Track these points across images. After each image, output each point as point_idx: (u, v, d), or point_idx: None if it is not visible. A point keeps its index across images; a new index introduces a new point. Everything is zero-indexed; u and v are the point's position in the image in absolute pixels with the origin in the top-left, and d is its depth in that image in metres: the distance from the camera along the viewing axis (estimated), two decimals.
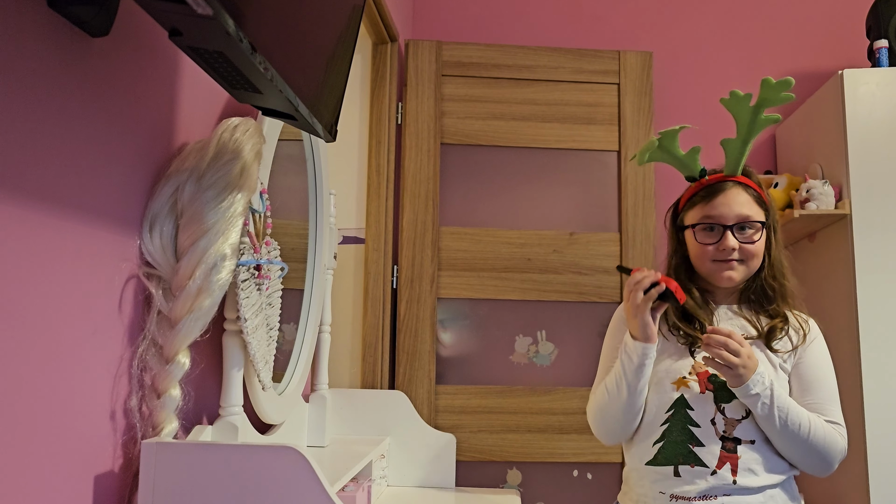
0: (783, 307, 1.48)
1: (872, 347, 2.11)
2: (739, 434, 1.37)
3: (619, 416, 1.43)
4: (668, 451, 1.40)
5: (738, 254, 1.44)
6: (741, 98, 1.45)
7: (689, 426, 1.39)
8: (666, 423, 1.41)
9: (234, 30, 0.71)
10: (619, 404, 1.41)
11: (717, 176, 1.51)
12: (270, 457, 0.93)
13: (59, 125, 0.83)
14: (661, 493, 1.39)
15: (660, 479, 1.39)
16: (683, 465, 1.38)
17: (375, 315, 2.32)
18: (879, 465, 2.05)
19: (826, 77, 2.54)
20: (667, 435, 1.40)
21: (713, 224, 1.45)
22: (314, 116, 1.01)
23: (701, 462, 1.36)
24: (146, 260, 1.00)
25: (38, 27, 0.79)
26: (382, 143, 2.41)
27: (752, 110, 1.46)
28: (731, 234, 1.43)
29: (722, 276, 1.45)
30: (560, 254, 2.48)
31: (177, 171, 1.04)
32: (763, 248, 1.46)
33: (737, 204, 1.45)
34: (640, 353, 1.38)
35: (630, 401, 1.41)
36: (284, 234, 1.44)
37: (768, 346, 1.43)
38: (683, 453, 1.38)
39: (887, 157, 2.19)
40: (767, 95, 1.44)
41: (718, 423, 1.38)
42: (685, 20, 2.88)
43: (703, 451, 1.37)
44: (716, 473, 1.35)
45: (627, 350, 1.40)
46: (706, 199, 1.48)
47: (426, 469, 1.93)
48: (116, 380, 0.95)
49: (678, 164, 1.56)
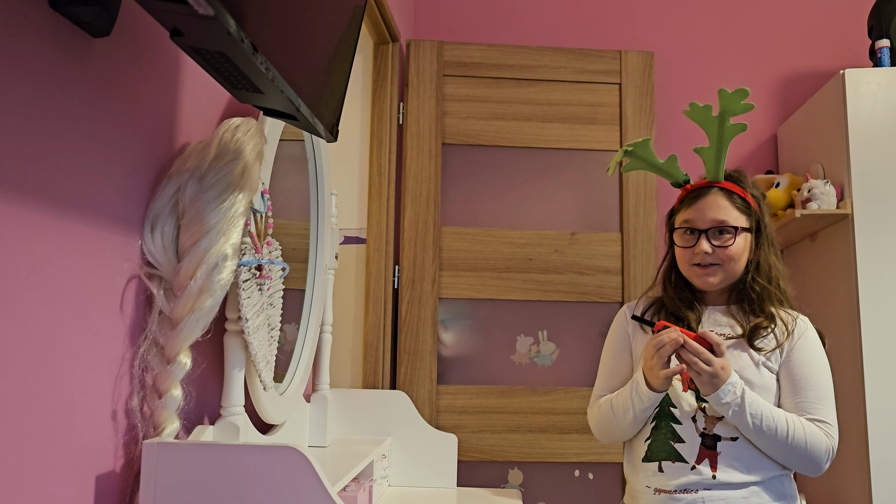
0: (769, 307, 1.49)
1: (874, 347, 2.10)
2: (720, 431, 1.42)
3: (620, 432, 1.52)
4: (654, 447, 1.46)
5: (714, 258, 1.47)
6: (701, 109, 1.51)
7: (671, 423, 1.45)
8: (653, 421, 1.47)
9: (236, 30, 0.71)
10: (624, 425, 1.49)
11: (701, 182, 1.55)
12: (272, 457, 0.93)
13: (60, 125, 0.83)
14: (646, 487, 1.46)
15: (648, 475, 1.46)
16: (666, 461, 1.44)
17: (377, 315, 2.32)
18: (881, 464, 2.04)
19: (827, 77, 2.53)
20: (654, 432, 1.47)
21: (691, 228, 1.50)
22: (315, 117, 1.01)
23: (681, 458, 1.42)
24: (147, 260, 1.00)
25: (40, 27, 0.79)
26: (384, 143, 2.41)
27: (717, 120, 1.49)
28: (706, 239, 1.47)
29: (700, 280, 1.50)
30: (561, 254, 2.48)
31: (178, 171, 1.04)
32: (741, 251, 1.49)
33: (712, 209, 1.48)
34: (653, 401, 1.44)
35: (635, 425, 1.49)
36: (286, 235, 1.44)
37: (750, 344, 1.45)
38: (666, 449, 1.44)
39: (889, 156, 2.19)
40: (727, 106, 1.48)
41: (699, 420, 1.43)
42: (687, 20, 2.88)
43: (683, 447, 1.43)
44: (695, 469, 1.41)
45: (640, 393, 1.44)
46: (689, 203, 1.52)
47: (427, 469, 1.93)
48: (118, 380, 0.95)
49: (661, 173, 1.61)
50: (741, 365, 1.43)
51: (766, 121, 2.77)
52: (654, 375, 1.40)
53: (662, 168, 1.59)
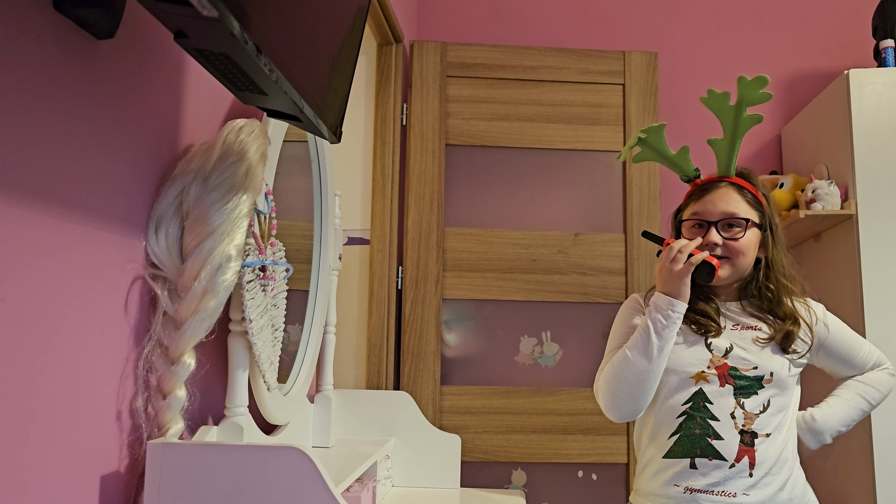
0: (787, 304, 1.49)
1: (878, 346, 2.08)
2: (757, 428, 1.40)
3: (636, 380, 1.40)
4: (684, 443, 1.42)
5: (723, 251, 1.46)
6: (719, 96, 1.49)
7: (708, 420, 1.41)
8: (682, 416, 1.43)
9: (240, 32, 0.71)
10: (642, 364, 1.39)
11: (712, 177, 1.54)
12: (275, 457, 0.93)
13: (64, 127, 0.83)
14: (675, 486, 1.41)
15: (676, 472, 1.41)
16: (701, 458, 1.40)
17: (380, 316, 2.33)
18: (886, 462, 2.04)
19: (832, 77, 2.53)
20: (683, 427, 1.42)
21: (700, 221, 1.49)
22: (319, 118, 1.01)
23: (720, 455, 1.39)
24: (152, 261, 1.01)
25: (44, 29, 0.79)
26: (387, 144, 2.42)
27: (734, 109, 1.48)
28: (716, 230, 1.46)
29: None
30: (565, 254, 2.48)
31: (182, 172, 1.04)
32: (750, 245, 1.47)
33: (723, 202, 1.48)
34: (672, 307, 1.40)
35: (654, 363, 1.40)
36: (289, 236, 1.44)
37: (784, 349, 1.45)
38: (702, 446, 1.40)
39: (893, 157, 2.19)
40: (745, 93, 1.46)
41: (738, 417, 1.40)
42: (690, 20, 2.88)
43: (721, 444, 1.39)
44: (734, 467, 1.38)
45: (658, 306, 1.41)
46: (698, 197, 1.51)
47: (431, 470, 1.93)
48: (122, 380, 0.96)
49: (671, 165, 1.59)
50: (774, 363, 1.43)
51: (771, 121, 2.76)
52: (673, 276, 1.40)
53: (673, 160, 1.57)
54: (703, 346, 1.45)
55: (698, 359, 1.43)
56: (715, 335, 1.45)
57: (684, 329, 1.47)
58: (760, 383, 1.41)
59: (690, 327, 1.46)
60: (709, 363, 1.43)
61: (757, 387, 1.41)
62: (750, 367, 1.42)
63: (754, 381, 1.41)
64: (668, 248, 1.44)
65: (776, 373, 1.42)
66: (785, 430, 1.43)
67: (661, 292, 1.42)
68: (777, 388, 1.42)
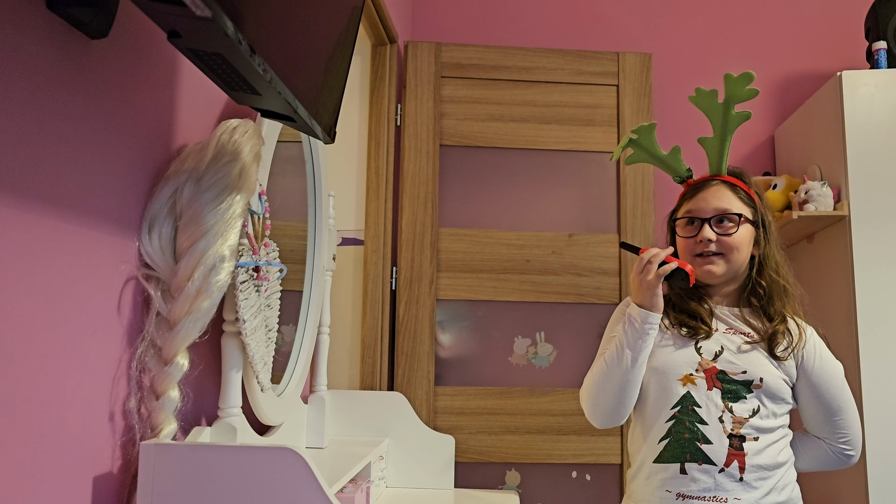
0: (779, 304, 1.49)
1: (871, 348, 2.11)
2: (745, 432, 1.39)
3: (613, 390, 1.42)
4: (674, 447, 1.41)
5: (717, 247, 1.46)
6: (707, 94, 1.50)
7: (696, 423, 1.40)
8: (671, 420, 1.42)
9: (233, 31, 0.71)
10: (617, 376, 1.41)
11: (705, 176, 1.56)
12: (269, 458, 0.93)
13: (57, 127, 0.83)
14: (667, 491, 1.40)
15: (666, 478, 1.40)
16: (691, 463, 1.39)
17: (374, 316, 2.32)
18: (878, 465, 2.05)
19: (825, 78, 2.54)
20: (672, 432, 1.41)
21: (693, 217, 1.50)
22: (313, 118, 1.01)
23: (709, 460, 1.38)
24: (145, 261, 1.00)
25: (37, 29, 0.79)
26: (381, 145, 2.42)
27: (722, 107, 1.49)
28: (709, 227, 1.47)
29: (702, 271, 1.48)
30: (559, 255, 2.48)
31: (176, 172, 1.04)
32: (744, 241, 1.48)
33: (715, 198, 1.49)
34: (644, 319, 1.40)
35: (628, 374, 1.41)
36: (283, 236, 1.44)
37: (771, 352, 1.44)
38: (691, 450, 1.39)
39: (886, 158, 2.20)
40: (732, 90, 1.48)
41: (727, 421, 1.39)
42: (684, 22, 2.88)
43: (711, 448, 1.38)
44: (724, 471, 1.37)
45: (632, 318, 1.41)
46: (691, 195, 1.53)
47: (425, 470, 1.93)
48: (115, 381, 0.95)
49: (662, 166, 1.60)
50: (763, 368, 1.42)
51: (764, 122, 2.77)
52: (644, 287, 1.40)
53: (665, 160, 1.59)
54: (692, 349, 1.44)
55: (686, 361, 1.43)
56: (705, 337, 1.45)
57: (673, 331, 1.47)
58: (749, 388, 1.41)
59: (680, 330, 1.46)
60: (697, 366, 1.42)
61: (745, 391, 1.40)
62: (739, 372, 1.41)
63: (742, 386, 1.41)
64: (639, 258, 1.44)
65: (766, 379, 1.41)
66: (777, 434, 1.42)
67: (635, 303, 1.43)
68: (767, 395, 1.41)
